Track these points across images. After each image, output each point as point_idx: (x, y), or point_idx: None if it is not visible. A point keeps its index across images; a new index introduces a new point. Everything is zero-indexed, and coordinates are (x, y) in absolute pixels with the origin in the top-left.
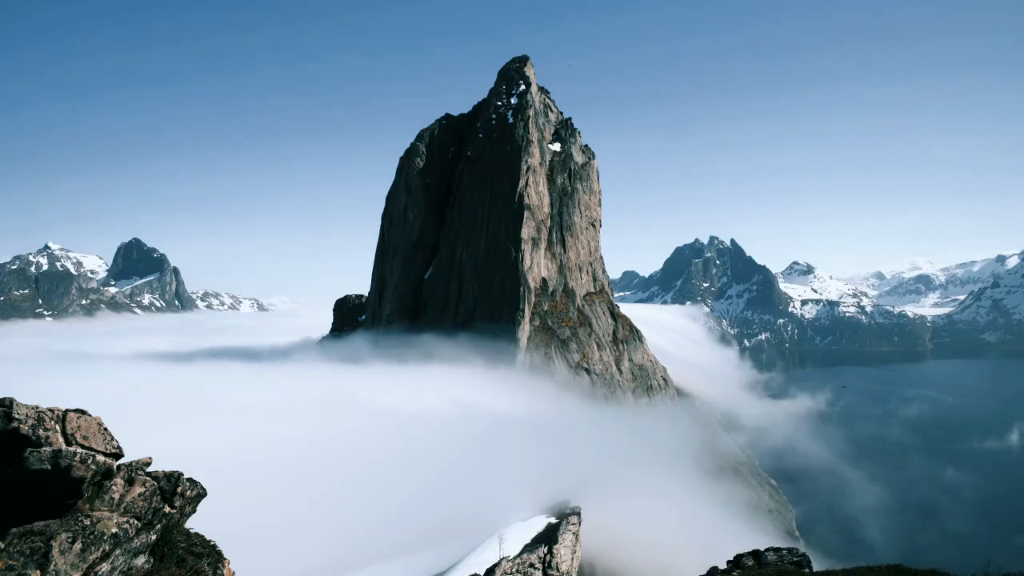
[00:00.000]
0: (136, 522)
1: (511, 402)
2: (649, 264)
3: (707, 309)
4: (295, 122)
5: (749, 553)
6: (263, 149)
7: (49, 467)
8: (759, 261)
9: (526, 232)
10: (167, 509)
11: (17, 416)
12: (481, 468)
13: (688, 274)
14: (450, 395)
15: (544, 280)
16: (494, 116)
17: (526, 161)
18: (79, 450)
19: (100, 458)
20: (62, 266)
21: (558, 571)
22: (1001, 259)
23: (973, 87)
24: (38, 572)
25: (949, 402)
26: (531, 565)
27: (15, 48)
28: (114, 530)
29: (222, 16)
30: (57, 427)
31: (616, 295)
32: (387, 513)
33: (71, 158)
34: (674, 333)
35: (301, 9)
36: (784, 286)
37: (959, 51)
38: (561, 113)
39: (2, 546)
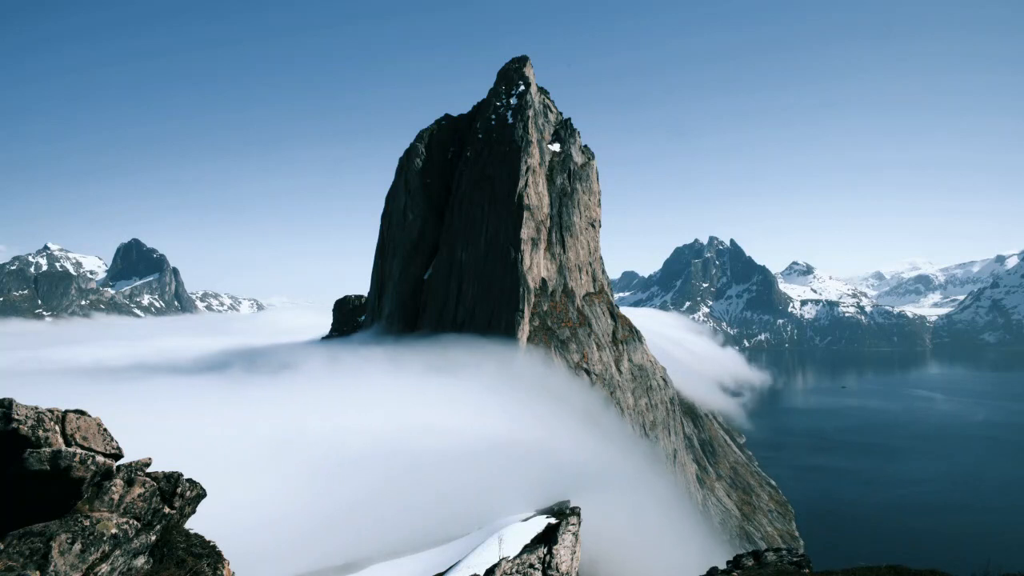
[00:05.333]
0: (136, 523)
1: (511, 403)
2: (649, 264)
3: (706, 309)
4: (296, 123)
5: (749, 553)
6: (264, 150)
7: (49, 468)
8: (759, 261)
9: (525, 232)
10: (167, 510)
11: (17, 417)
12: (481, 469)
13: (688, 274)
14: (449, 395)
15: (544, 280)
16: (493, 116)
17: (525, 161)
18: (79, 451)
19: (100, 459)
20: (61, 267)
21: (558, 571)
22: (1001, 259)
23: (973, 85)
24: (37, 573)
25: (949, 402)
26: (531, 565)
27: (22, 52)
28: (114, 531)
29: (225, 21)
30: (57, 428)
31: (616, 295)
32: (387, 513)
33: (71, 158)
34: (673, 334)
35: (302, 15)
36: (784, 286)
37: (958, 48)
38: (560, 113)
39: (2, 547)
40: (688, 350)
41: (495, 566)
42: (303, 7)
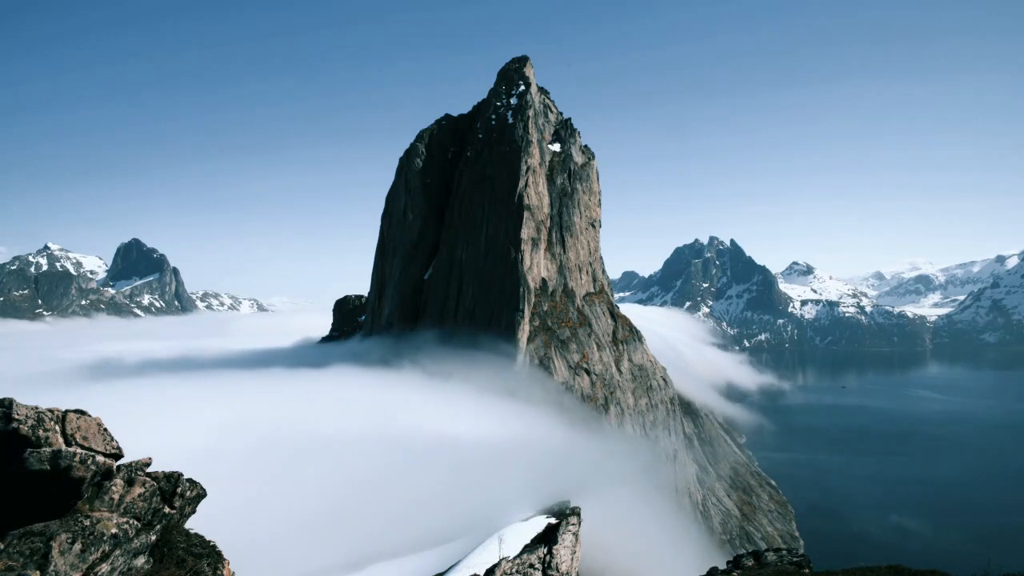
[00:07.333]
0: (136, 523)
1: (511, 403)
2: (649, 264)
3: (707, 309)
4: (296, 123)
5: (749, 553)
6: (264, 150)
7: (49, 468)
8: (759, 261)
9: (526, 232)
10: (167, 510)
11: (17, 416)
12: (481, 469)
13: (688, 274)
14: (449, 395)
15: (544, 280)
16: (494, 116)
17: (526, 161)
18: (79, 451)
19: (100, 458)
20: (61, 266)
21: (558, 571)
22: (1001, 259)
23: (973, 86)
24: (38, 573)
25: (948, 402)
26: (531, 565)
27: (22, 52)
28: (114, 531)
29: (225, 21)
30: (57, 427)
31: (616, 295)
32: (387, 514)
33: (71, 158)
34: (673, 334)
35: (302, 15)
36: (784, 286)
37: (959, 50)
38: (561, 113)
39: (2, 547)
40: (688, 350)
41: (495, 566)
42: (303, 7)
